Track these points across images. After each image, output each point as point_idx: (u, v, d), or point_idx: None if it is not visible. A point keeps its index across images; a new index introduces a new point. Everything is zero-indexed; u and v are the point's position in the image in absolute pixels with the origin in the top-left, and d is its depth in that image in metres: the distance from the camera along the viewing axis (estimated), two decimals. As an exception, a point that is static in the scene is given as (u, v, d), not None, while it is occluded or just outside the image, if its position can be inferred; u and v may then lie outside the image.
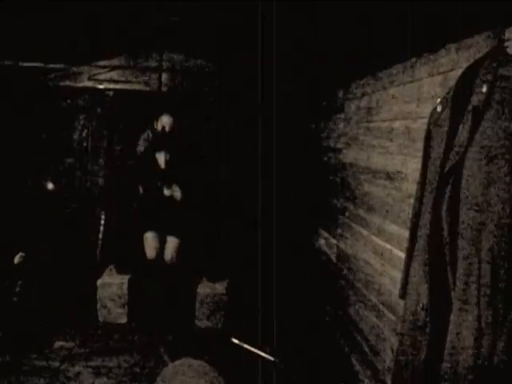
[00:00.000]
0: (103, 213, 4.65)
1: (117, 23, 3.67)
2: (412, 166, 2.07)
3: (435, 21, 1.74)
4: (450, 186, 1.35)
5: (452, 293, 1.32)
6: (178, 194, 3.88)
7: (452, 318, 1.29)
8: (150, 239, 3.96)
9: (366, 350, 2.64)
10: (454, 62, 1.76)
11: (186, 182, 3.91)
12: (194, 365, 2.53)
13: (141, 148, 4.06)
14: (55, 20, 3.42)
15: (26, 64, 4.15)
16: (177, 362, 2.65)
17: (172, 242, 3.97)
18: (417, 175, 1.67)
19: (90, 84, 4.63)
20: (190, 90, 4.67)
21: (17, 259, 3.69)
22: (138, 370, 3.19)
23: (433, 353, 1.39)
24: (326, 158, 3.79)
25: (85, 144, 4.76)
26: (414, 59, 2.14)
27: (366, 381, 2.61)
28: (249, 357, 3.35)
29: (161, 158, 3.88)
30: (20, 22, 3.38)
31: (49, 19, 3.39)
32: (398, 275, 1.86)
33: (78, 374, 3.09)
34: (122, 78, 4.65)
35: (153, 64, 4.65)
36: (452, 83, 1.49)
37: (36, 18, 3.36)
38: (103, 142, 4.77)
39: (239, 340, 3.50)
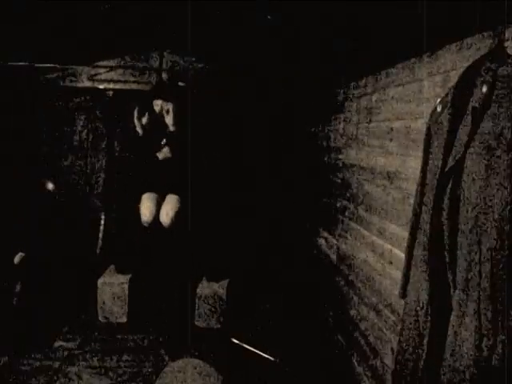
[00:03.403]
0: (103, 213, 4.64)
1: (117, 23, 3.66)
2: (412, 166, 2.07)
3: (435, 21, 1.73)
4: (450, 186, 1.35)
5: (452, 293, 1.32)
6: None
7: (452, 318, 1.29)
8: (146, 199, 3.81)
9: (366, 349, 2.63)
10: (453, 62, 1.76)
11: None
12: (194, 365, 2.54)
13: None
14: (55, 20, 3.42)
15: (25, 64, 4.15)
16: (177, 362, 2.66)
17: (171, 199, 3.80)
18: (417, 175, 1.67)
19: (89, 84, 4.63)
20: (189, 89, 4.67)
21: (17, 259, 3.69)
22: (137, 370, 3.19)
23: (433, 353, 1.39)
24: (326, 158, 3.79)
25: (85, 144, 4.76)
26: (413, 59, 2.14)
27: (366, 381, 2.61)
28: (249, 357, 3.35)
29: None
30: (20, 22, 3.38)
31: (48, 19, 3.39)
32: (398, 275, 1.86)
33: (78, 374, 3.09)
34: (122, 78, 4.65)
35: (153, 64, 4.65)
36: (452, 83, 1.49)
37: (36, 18, 3.36)
38: (103, 141, 4.77)
39: (239, 340, 3.50)
